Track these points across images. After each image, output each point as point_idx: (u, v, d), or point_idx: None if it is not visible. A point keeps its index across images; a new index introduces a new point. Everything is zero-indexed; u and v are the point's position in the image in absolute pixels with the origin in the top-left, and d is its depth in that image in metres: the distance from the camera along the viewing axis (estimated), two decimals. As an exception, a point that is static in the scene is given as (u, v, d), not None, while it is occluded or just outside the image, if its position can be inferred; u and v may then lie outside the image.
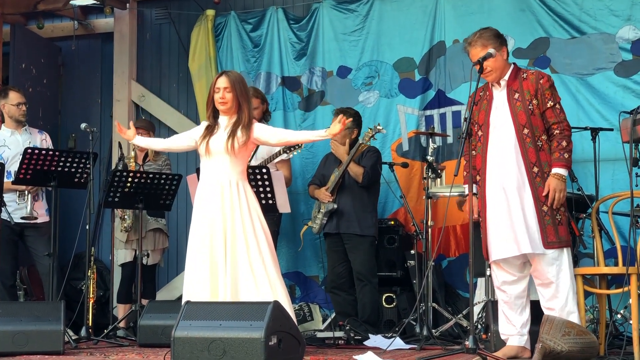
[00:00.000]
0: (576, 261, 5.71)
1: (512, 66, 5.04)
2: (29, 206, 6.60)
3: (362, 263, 6.61)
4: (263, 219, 5.16)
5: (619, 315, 5.89)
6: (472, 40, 5.01)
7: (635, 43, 6.77)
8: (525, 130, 4.88)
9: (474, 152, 4.97)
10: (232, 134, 5.10)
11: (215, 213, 5.03)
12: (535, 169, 4.87)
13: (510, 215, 4.86)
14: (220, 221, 5.02)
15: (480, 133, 5.03)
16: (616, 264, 5.35)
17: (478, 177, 5.03)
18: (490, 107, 5.02)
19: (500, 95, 5.00)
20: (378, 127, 6.44)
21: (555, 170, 4.86)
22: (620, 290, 4.93)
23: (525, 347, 4.92)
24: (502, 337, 4.99)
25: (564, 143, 4.90)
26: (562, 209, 4.88)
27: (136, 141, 5.54)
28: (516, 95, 4.94)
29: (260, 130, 5.22)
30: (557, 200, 4.83)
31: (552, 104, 4.93)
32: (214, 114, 5.23)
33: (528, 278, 4.97)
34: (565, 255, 4.84)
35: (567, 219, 4.96)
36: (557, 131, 4.91)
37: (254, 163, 6.42)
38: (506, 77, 4.99)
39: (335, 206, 6.61)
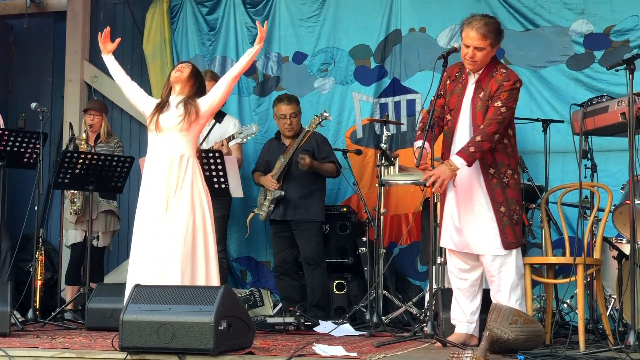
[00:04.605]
0: (525, 251, 5.78)
1: (489, 61, 4.84)
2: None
3: (310, 248, 6.63)
4: (208, 198, 5.08)
5: (565, 305, 5.99)
6: (477, 24, 4.73)
7: (588, 37, 6.86)
8: None
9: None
10: (184, 108, 5.03)
11: (160, 188, 4.94)
12: (492, 170, 4.79)
13: (459, 213, 4.85)
14: (164, 196, 4.93)
15: (449, 117, 4.92)
16: (564, 254, 5.42)
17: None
18: (463, 95, 4.89)
19: (470, 88, 4.89)
20: (325, 114, 6.45)
21: (452, 157, 4.72)
22: (567, 280, 5.00)
23: (473, 334, 4.96)
24: (452, 322, 5.03)
25: (479, 137, 4.68)
26: (518, 207, 4.83)
27: (108, 60, 5.28)
28: (481, 94, 4.81)
29: (204, 99, 5.13)
30: (436, 186, 4.65)
31: (499, 104, 4.72)
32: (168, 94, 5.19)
33: (482, 267, 4.99)
34: (514, 252, 4.82)
35: (521, 217, 4.93)
36: (481, 126, 4.74)
37: (205, 147, 6.37)
38: (480, 71, 4.84)
39: (282, 193, 6.61)
